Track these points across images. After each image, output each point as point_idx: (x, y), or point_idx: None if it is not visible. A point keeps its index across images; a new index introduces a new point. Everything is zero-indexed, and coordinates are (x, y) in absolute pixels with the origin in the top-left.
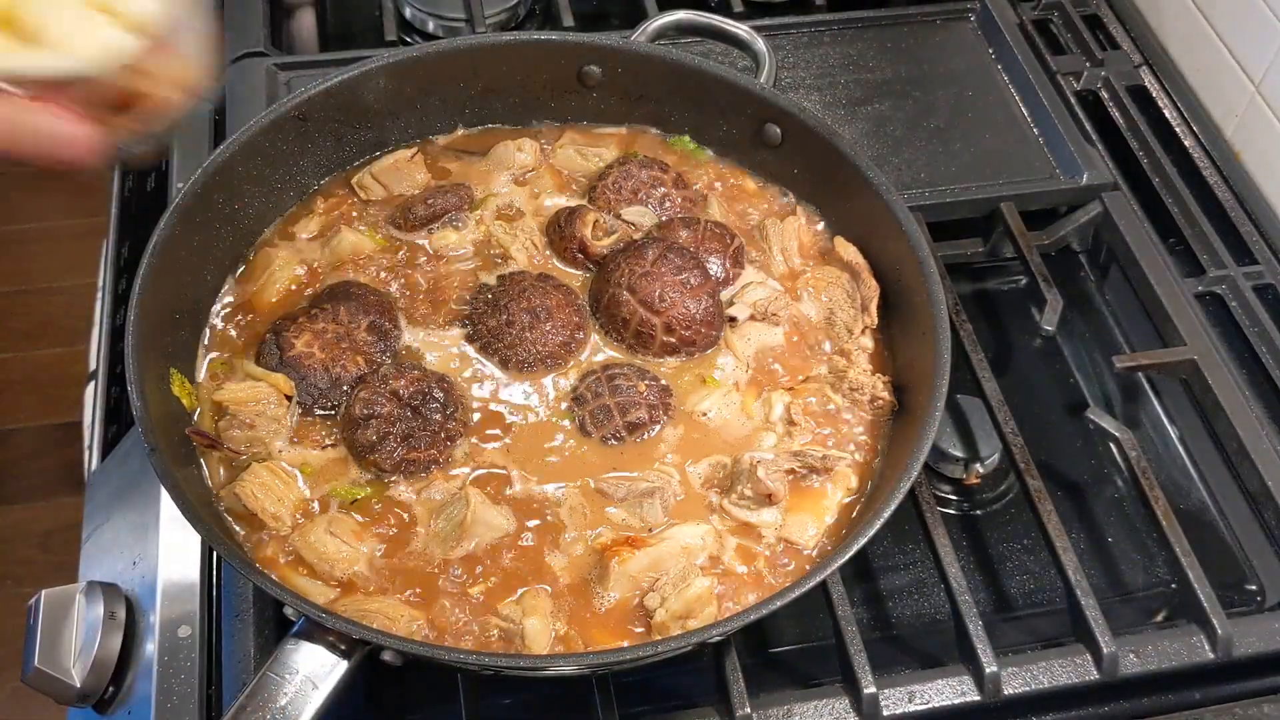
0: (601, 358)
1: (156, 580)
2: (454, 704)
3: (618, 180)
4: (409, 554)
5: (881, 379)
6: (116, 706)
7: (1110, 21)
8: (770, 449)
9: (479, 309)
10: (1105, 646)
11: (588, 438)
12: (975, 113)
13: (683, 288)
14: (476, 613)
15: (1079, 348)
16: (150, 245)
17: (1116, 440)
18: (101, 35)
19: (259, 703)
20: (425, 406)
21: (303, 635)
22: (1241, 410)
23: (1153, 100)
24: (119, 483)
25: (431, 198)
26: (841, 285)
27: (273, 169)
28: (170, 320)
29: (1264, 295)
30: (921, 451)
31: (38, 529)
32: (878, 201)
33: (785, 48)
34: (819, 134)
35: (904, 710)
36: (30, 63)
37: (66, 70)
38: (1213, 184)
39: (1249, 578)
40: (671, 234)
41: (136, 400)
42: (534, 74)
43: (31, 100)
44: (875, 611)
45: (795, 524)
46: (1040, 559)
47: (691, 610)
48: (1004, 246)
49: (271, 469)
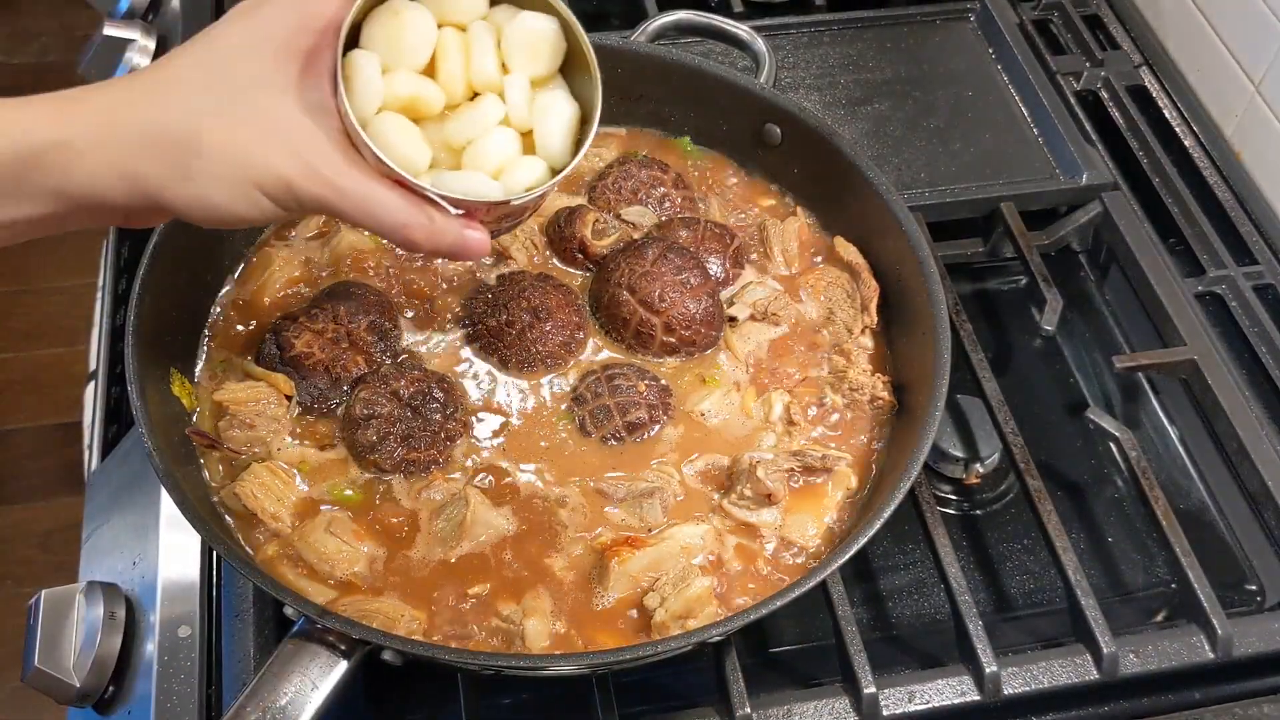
0: (601, 358)
1: (156, 580)
2: (454, 704)
3: (617, 180)
4: (409, 554)
5: (881, 379)
6: (116, 706)
7: (1110, 21)
8: (770, 449)
9: (479, 309)
10: (1105, 646)
11: (587, 438)
12: (975, 113)
13: (682, 288)
14: (476, 613)
15: (1079, 348)
16: (150, 245)
17: (1116, 440)
18: (530, 172)
19: (259, 703)
20: (425, 407)
21: (303, 635)
22: (1241, 410)
23: (1153, 100)
24: (119, 483)
25: None
26: (841, 285)
27: None
28: (170, 320)
29: (1264, 295)
30: (921, 451)
31: (38, 529)
32: (878, 201)
33: (785, 48)
34: (819, 134)
35: (904, 710)
36: (476, 187)
37: (499, 198)
38: (1213, 184)
39: (1249, 578)
40: (671, 234)
41: (136, 400)
42: None
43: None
44: (875, 611)
45: (795, 524)
46: (1040, 559)
47: (691, 610)
48: (1004, 246)
49: (271, 468)
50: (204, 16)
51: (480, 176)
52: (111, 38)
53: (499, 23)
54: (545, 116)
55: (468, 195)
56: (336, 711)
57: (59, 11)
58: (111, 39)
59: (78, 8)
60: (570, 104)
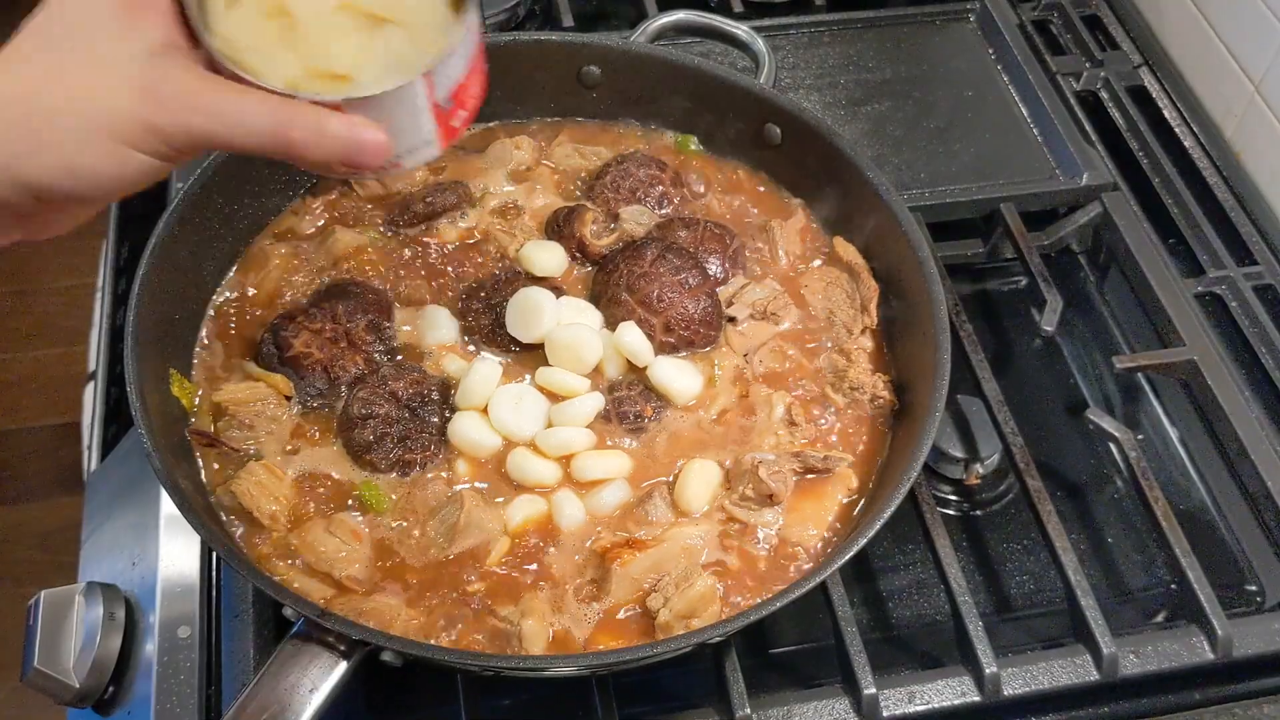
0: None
1: (156, 580)
2: (454, 704)
3: (616, 179)
4: (407, 555)
5: (882, 378)
6: (116, 707)
7: (1110, 22)
8: (771, 449)
9: (475, 308)
10: (1105, 647)
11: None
12: (975, 113)
13: (681, 288)
14: (475, 613)
15: (1079, 348)
16: (150, 246)
17: (1116, 440)
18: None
19: (259, 703)
20: (423, 408)
21: (302, 636)
22: (1241, 411)
23: (1153, 100)
24: (119, 483)
25: (431, 195)
26: (841, 285)
27: (272, 169)
28: (170, 320)
29: (1264, 295)
30: (921, 451)
31: (38, 529)
32: (878, 201)
33: (785, 48)
34: (819, 134)
35: (904, 711)
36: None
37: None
38: (1213, 184)
39: (1249, 578)
40: (671, 234)
41: (136, 400)
42: (533, 74)
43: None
44: (875, 612)
45: (796, 524)
46: (1040, 559)
47: (695, 610)
48: (1004, 247)
49: (268, 467)
50: None
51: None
52: None
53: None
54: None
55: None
56: (336, 712)
57: None
58: None
59: None
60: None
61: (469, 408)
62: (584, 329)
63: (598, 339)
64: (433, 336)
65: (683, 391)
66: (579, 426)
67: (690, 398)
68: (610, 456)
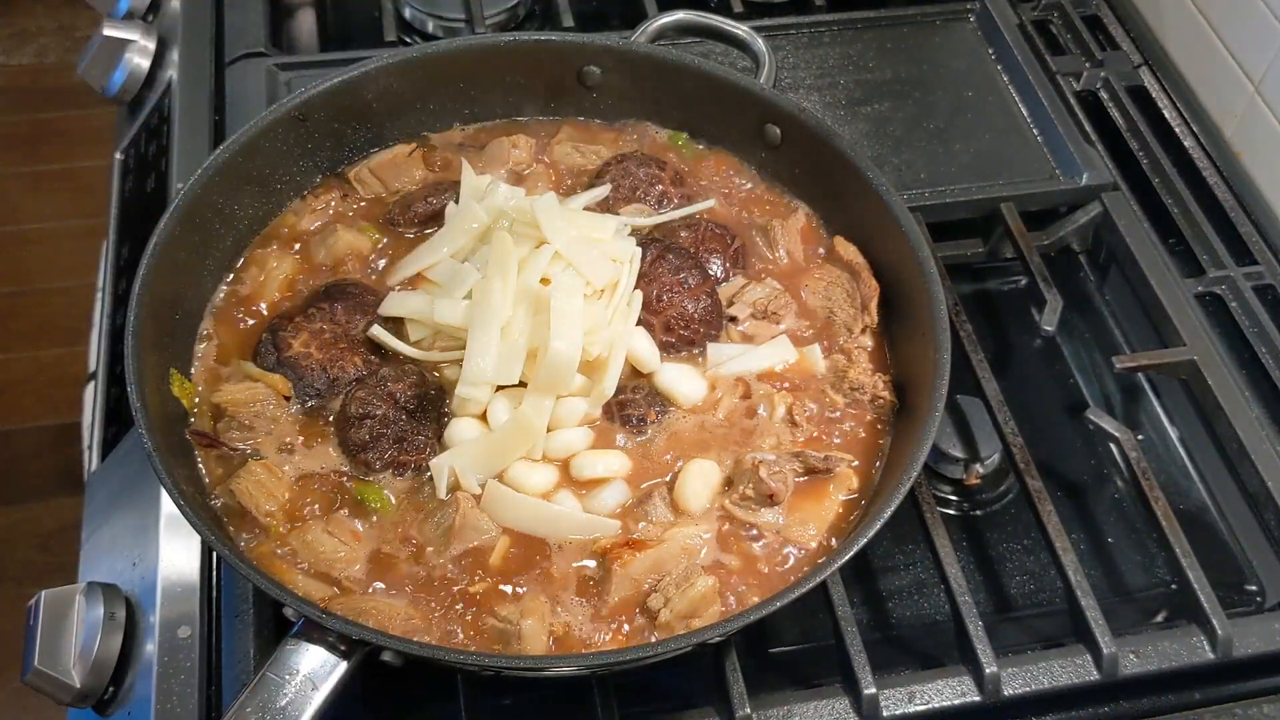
0: None
1: (156, 581)
2: (454, 704)
3: (615, 178)
4: (406, 555)
5: (883, 378)
6: (116, 707)
7: (1110, 22)
8: (771, 449)
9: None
10: (1105, 647)
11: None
12: (975, 113)
13: (681, 288)
14: (475, 614)
15: (1079, 348)
16: (150, 245)
17: (1116, 440)
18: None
19: (259, 703)
20: (421, 410)
21: (302, 636)
22: (1241, 411)
23: (1152, 100)
24: (119, 483)
25: (432, 195)
26: (841, 285)
27: (272, 169)
28: (170, 321)
29: (1264, 295)
30: (922, 451)
31: (38, 529)
32: (878, 201)
33: (785, 48)
34: (819, 134)
35: (904, 711)
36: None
37: None
38: (1213, 184)
39: (1249, 578)
40: (671, 234)
41: (136, 401)
42: (534, 74)
43: None
44: (875, 612)
45: (796, 524)
46: (1040, 559)
47: (696, 609)
48: (1004, 247)
49: (267, 467)
50: (204, 16)
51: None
52: (111, 38)
53: None
54: None
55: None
56: (336, 712)
57: (59, 11)
58: (111, 39)
59: (77, 8)
60: None
61: (467, 414)
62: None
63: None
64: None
65: (688, 397)
66: (578, 427)
67: (695, 402)
68: (609, 456)
